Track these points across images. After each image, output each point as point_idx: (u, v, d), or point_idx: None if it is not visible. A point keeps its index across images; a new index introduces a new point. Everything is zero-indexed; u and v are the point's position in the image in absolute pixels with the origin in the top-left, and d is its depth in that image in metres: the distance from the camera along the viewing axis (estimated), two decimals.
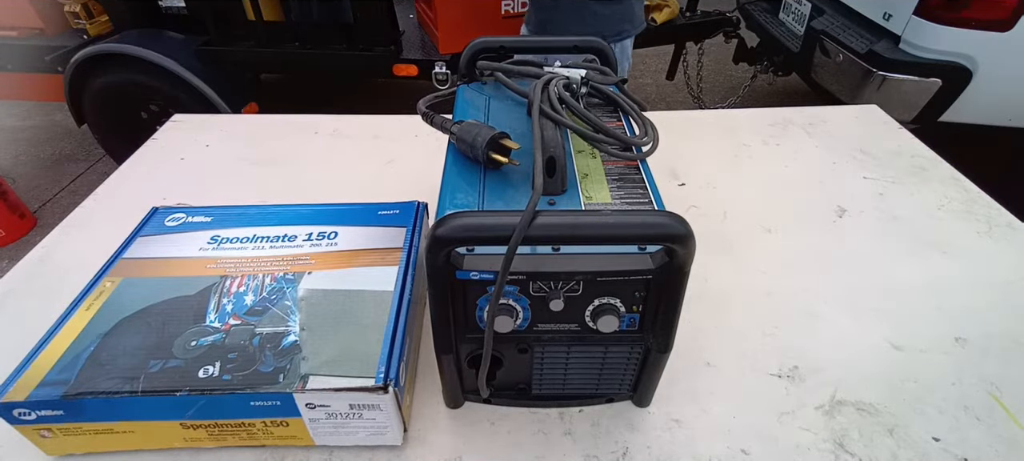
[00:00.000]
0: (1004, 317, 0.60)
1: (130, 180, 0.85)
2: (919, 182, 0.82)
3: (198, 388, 0.42)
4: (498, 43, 0.60)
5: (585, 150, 0.50)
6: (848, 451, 0.47)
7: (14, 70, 2.35)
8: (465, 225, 0.35)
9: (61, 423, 0.43)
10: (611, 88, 0.55)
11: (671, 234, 0.34)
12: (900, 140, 0.92)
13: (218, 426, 0.44)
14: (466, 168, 0.47)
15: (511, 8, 2.03)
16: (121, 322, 0.47)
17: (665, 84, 3.00)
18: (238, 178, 0.84)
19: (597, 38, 0.60)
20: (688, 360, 0.54)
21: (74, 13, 2.27)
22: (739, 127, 0.96)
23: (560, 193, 0.43)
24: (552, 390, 0.49)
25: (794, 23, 2.38)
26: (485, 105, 0.56)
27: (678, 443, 0.48)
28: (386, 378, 0.42)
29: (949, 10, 1.76)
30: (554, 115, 0.45)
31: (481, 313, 0.41)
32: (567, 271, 0.38)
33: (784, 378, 0.54)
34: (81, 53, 2.11)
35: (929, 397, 0.52)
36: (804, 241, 0.71)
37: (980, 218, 0.74)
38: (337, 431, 0.45)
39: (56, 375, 0.43)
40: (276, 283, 0.51)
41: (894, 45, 1.90)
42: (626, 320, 0.41)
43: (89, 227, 0.74)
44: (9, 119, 3.04)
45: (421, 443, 0.48)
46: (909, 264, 0.67)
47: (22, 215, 2.22)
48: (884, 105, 1.03)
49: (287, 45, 2.15)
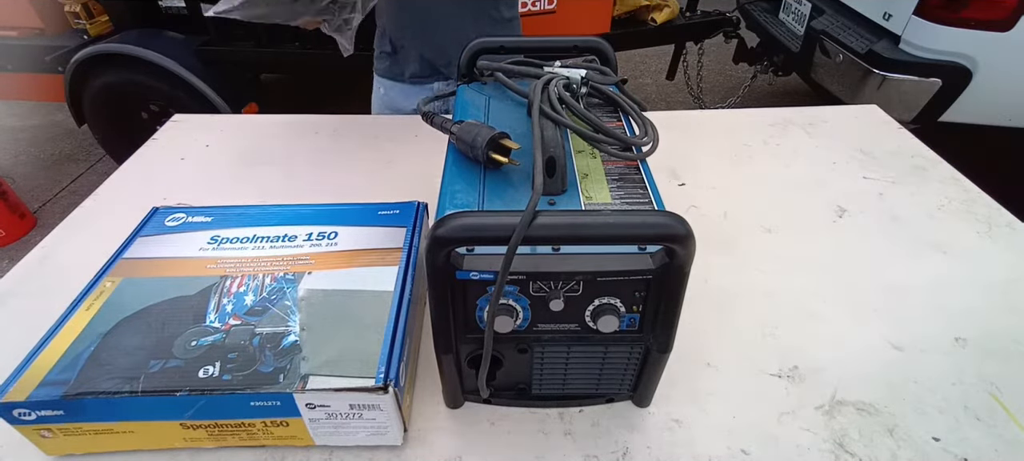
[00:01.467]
0: (1004, 317, 0.60)
1: (130, 180, 0.85)
2: (919, 182, 0.82)
3: (198, 388, 0.42)
4: (498, 43, 0.60)
5: (585, 150, 0.50)
6: (848, 451, 0.47)
7: (14, 70, 2.35)
8: (465, 225, 0.35)
9: (61, 423, 0.43)
10: (611, 88, 0.55)
11: (671, 234, 0.34)
12: (900, 140, 0.92)
13: (218, 426, 0.44)
14: (466, 168, 0.47)
15: None
16: (121, 322, 0.47)
17: (665, 84, 3.00)
18: (238, 178, 0.84)
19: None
20: (688, 360, 0.54)
21: (74, 13, 2.27)
22: (739, 127, 0.96)
23: (560, 193, 0.43)
24: (552, 390, 0.49)
25: (794, 23, 2.38)
26: (485, 105, 0.56)
27: (678, 443, 0.48)
28: (386, 378, 0.42)
29: (949, 10, 1.76)
30: (554, 115, 0.45)
31: (481, 313, 0.41)
32: (567, 271, 0.38)
33: (784, 378, 0.54)
34: (81, 53, 2.11)
35: (929, 397, 0.52)
36: (804, 241, 0.71)
37: (980, 218, 0.74)
38: (337, 431, 0.45)
39: (56, 375, 0.43)
40: (276, 283, 0.51)
41: (894, 45, 1.90)
42: (626, 320, 0.41)
43: (89, 227, 0.74)
44: (9, 119, 3.04)
45: (421, 443, 0.48)
46: (909, 264, 0.67)
47: (22, 215, 2.22)
48: (884, 105, 1.03)
49: (287, 45, 2.15)
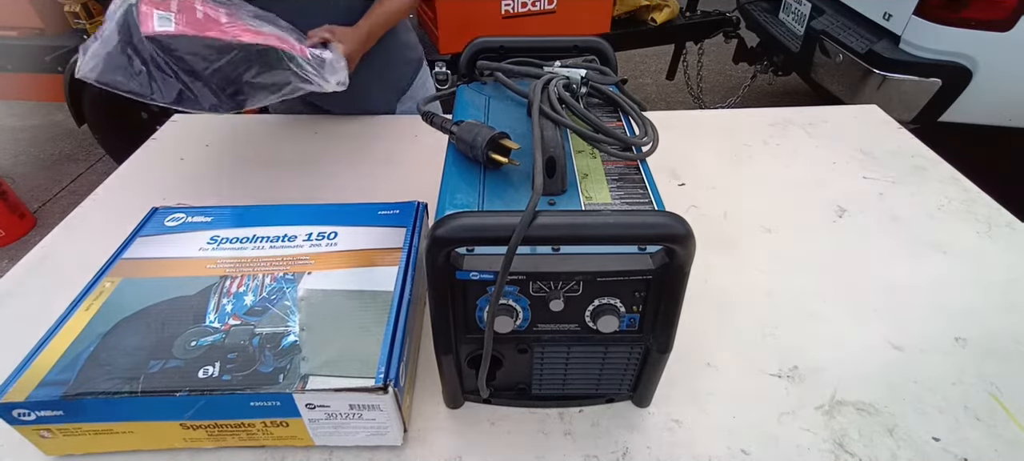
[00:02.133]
0: (1004, 317, 0.60)
1: (130, 180, 0.85)
2: (919, 182, 0.82)
3: (198, 389, 0.42)
4: (498, 43, 0.60)
5: (585, 150, 0.50)
6: (848, 451, 0.47)
7: (14, 70, 2.34)
8: (465, 225, 0.35)
9: (61, 423, 0.43)
10: (611, 88, 0.55)
11: (671, 234, 0.34)
12: (900, 140, 0.92)
13: (218, 426, 0.44)
14: (466, 168, 0.47)
15: (511, 8, 2.03)
16: (121, 322, 0.47)
17: (665, 84, 3.00)
18: (238, 178, 0.84)
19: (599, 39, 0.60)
20: (688, 360, 0.54)
21: (74, 13, 2.26)
22: (739, 127, 0.96)
23: (560, 193, 0.43)
24: (552, 390, 0.49)
25: (794, 23, 2.38)
26: (485, 105, 0.56)
27: (678, 443, 0.48)
28: (386, 378, 0.42)
29: (949, 10, 1.76)
30: (554, 115, 0.45)
31: (481, 313, 0.41)
32: (567, 271, 0.38)
33: (784, 378, 0.54)
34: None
35: (929, 397, 0.52)
36: (804, 241, 0.71)
37: (980, 218, 0.74)
38: (337, 431, 0.45)
39: (56, 375, 0.43)
40: (276, 283, 0.51)
41: (894, 45, 1.90)
42: (626, 320, 0.41)
43: (89, 227, 0.74)
44: (9, 119, 3.04)
45: (421, 443, 0.48)
46: (909, 264, 0.67)
47: (22, 215, 2.21)
48: (884, 105, 1.03)
49: None
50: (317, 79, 0.70)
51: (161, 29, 0.61)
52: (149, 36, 0.61)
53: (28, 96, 2.55)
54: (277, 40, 0.67)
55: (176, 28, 0.62)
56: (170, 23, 0.62)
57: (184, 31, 0.62)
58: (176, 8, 0.63)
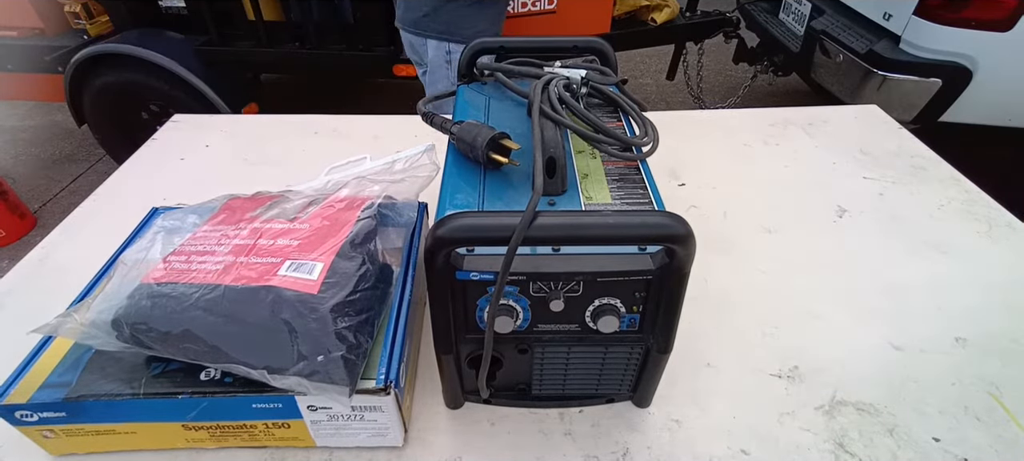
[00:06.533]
0: (1004, 317, 0.60)
1: (130, 180, 0.85)
2: (919, 182, 0.82)
3: (200, 390, 0.42)
4: (498, 43, 0.60)
5: (585, 150, 0.50)
6: (848, 451, 0.47)
7: (14, 70, 2.35)
8: (465, 226, 0.35)
9: (63, 424, 0.43)
10: (611, 88, 0.55)
11: (671, 234, 0.34)
12: (900, 140, 0.92)
13: (220, 428, 0.44)
14: (466, 168, 0.47)
15: (511, 8, 2.03)
16: None
17: (665, 84, 3.00)
18: (238, 178, 0.84)
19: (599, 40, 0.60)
20: (688, 360, 0.54)
21: (74, 13, 2.27)
22: (739, 127, 0.96)
23: (560, 193, 0.43)
24: (552, 390, 0.49)
25: (794, 23, 2.38)
26: (485, 105, 0.56)
27: (678, 443, 0.48)
28: (387, 380, 0.42)
29: (949, 10, 1.76)
30: (554, 115, 0.45)
31: (481, 313, 0.41)
32: (567, 271, 0.38)
33: (784, 378, 0.54)
34: (81, 53, 2.11)
35: (929, 397, 0.52)
36: (804, 241, 0.71)
37: (980, 218, 0.74)
38: (338, 433, 0.45)
39: (58, 377, 0.43)
40: None
41: (894, 45, 1.90)
42: (626, 320, 0.41)
43: (89, 227, 0.74)
44: (9, 119, 3.04)
45: (421, 443, 0.48)
46: (909, 264, 0.67)
47: (22, 215, 2.21)
48: (884, 105, 1.03)
49: (287, 45, 2.15)
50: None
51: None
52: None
53: (28, 96, 2.56)
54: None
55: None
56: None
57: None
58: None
